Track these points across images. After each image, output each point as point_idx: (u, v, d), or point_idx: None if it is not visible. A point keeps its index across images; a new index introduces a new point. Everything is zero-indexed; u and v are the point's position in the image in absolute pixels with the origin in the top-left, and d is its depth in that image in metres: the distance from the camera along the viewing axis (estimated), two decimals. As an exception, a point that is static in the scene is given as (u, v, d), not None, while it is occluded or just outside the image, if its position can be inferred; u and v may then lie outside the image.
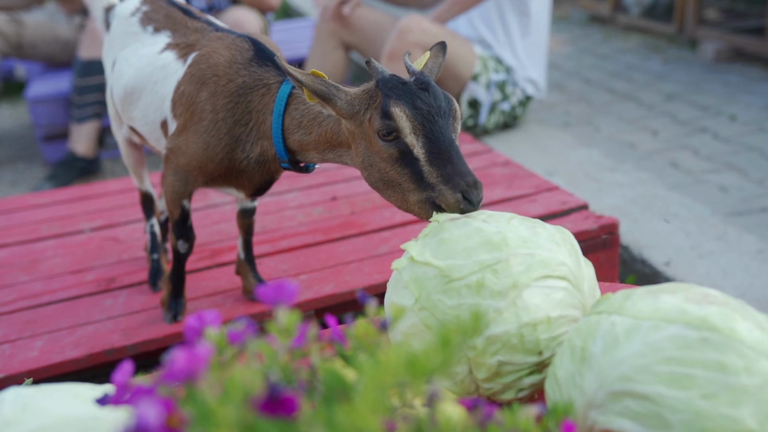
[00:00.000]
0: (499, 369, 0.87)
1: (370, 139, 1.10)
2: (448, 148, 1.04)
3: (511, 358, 0.87)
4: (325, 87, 1.12)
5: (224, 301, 1.76)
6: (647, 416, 0.72)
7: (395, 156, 1.07)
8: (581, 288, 0.93)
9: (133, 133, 1.65)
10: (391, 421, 0.50)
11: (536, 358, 0.87)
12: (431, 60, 1.20)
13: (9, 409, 0.70)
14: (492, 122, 3.39)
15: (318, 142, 1.25)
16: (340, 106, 1.12)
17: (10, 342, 1.67)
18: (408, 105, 1.04)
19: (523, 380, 0.89)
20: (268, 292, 0.57)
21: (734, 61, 4.35)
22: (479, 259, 0.89)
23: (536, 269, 0.89)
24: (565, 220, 2.04)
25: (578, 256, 0.97)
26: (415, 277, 0.91)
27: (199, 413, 0.45)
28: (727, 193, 2.69)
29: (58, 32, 4.05)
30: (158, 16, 1.58)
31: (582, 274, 0.94)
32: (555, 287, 0.90)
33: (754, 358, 0.72)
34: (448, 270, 0.89)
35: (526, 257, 0.89)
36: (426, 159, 1.05)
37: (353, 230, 2.10)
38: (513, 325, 0.86)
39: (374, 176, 1.12)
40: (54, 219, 2.36)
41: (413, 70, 1.10)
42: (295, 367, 0.57)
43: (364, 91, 1.12)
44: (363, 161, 1.14)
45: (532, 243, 0.91)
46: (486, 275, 0.88)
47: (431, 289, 0.89)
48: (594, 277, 0.98)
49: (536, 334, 0.87)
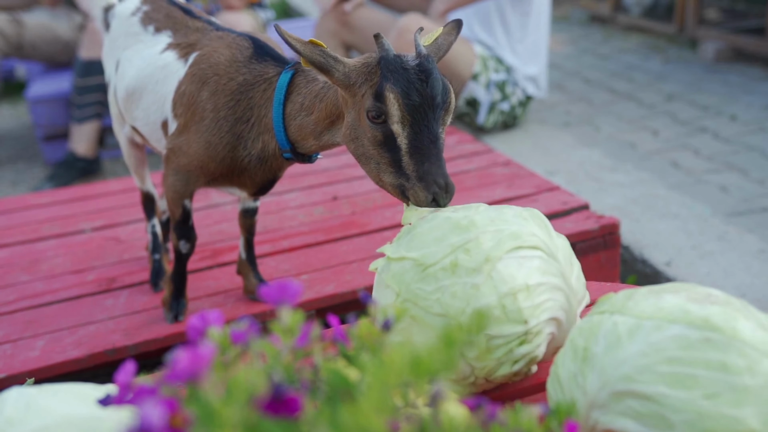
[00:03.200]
0: (489, 344, 0.88)
1: (360, 114, 1.10)
2: (430, 144, 1.04)
3: (498, 331, 0.88)
4: (323, 57, 1.11)
5: (225, 301, 1.76)
6: (649, 416, 0.72)
7: (379, 138, 1.07)
8: (556, 257, 0.94)
9: (136, 132, 1.65)
10: (395, 421, 0.50)
11: (523, 327, 0.88)
12: (443, 36, 1.18)
13: (12, 409, 0.70)
14: (491, 122, 3.39)
15: (317, 120, 1.24)
16: (337, 77, 1.11)
17: (12, 342, 1.67)
18: (402, 93, 1.04)
19: (515, 351, 0.89)
20: (271, 292, 0.57)
21: (735, 61, 4.35)
22: (450, 242, 0.91)
23: (507, 242, 0.91)
24: (566, 220, 2.04)
25: (549, 230, 0.98)
26: (392, 274, 0.93)
27: (203, 413, 0.46)
28: (728, 192, 2.69)
29: (58, 32, 4.05)
30: (159, 15, 1.58)
31: (555, 243, 0.96)
32: (528, 256, 0.91)
33: (756, 358, 0.72)
34: (422, 258, 0.91)
35: (495, 233, 0.92)
36: (407, 150, 1.05)
37: (354, 230, 2.10)
38: (493, 297, 0.87)
39: (358, 150, 1.13)
40: (55, 219, 2.36)
41: (420, 51, 1.08)
42: (297, 367, 0.57)
43: (364, 64, 1.11)
44: (350, 133, 1.14)
45: (500, 220, 0.94)
46: (459, 255, 0.90)
47: (409, 281, 0.91)
48: (569, 248, 0.99)
49: (518, 303, 0.88)
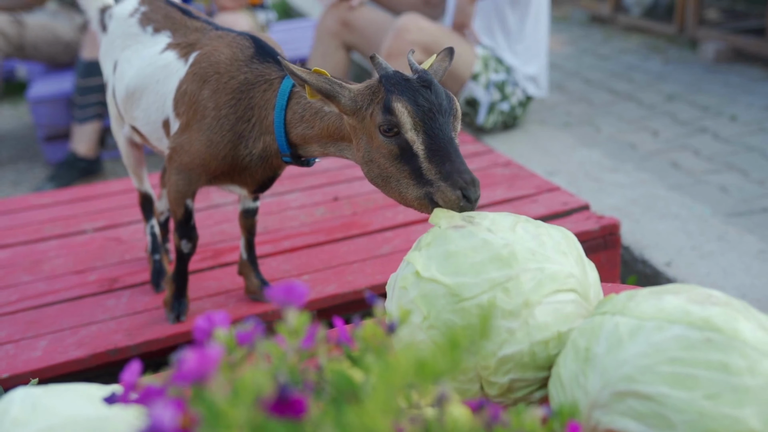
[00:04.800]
0: (511, 386, 0.87)
1: (371, 134, 1.10)
2: (447, 145, 1.05)
3: (522, 375, 0.87)
4: (329, 85, 1.13)
5: (227, 302, 1.76)
6: (651, 416, 0.73)
7: (395, 152, 1.07)
8: (588, 297, 0.93)
9: (135, 132, 1.66)
10: (400, 423, 0.50)
11: (547, 373, 0.88)
12: (437, 63, 1.21)
13: (18, 409, 0.70)
14: (491, 122, 3.40)
15: (321, 135, 1.25)
16: (344, 103, 1.12)
17: (14, 342, 1.67)
18: (410, 101, 1.05)
19: (534, 394, 0.89)
20: (278, 293, 0.57)
21: (735, 61, 4.36)
22: (489, 276, 0.88)
23: (546, 285, 0.88)
24: (566, 220, 2.05)
25: (584, 263, 0.96)
26: (423, 294, 0.89)
27: (209, 413, 0.46)
28: (728, 193, 2.69)
29: (59, 33, 4.05)
30: (157, 16, 1.58)
31: (588, 281, 0.94)
32: (564, 301, 0.89)
33: (756, 358, 0.72)
34: (458, 288, 0.88)
35: (535, 272, 0.89)
36: (425, 155, 1.05)
37: (355, 230, 2.10)
38: (525, 345, 0.86)
39: (374, 172, 1.12)
40: (56, 219, 2.36)
41: (416, 68, 1.10)
42: (302, 368, 0.58)
43: (366, 86, 1.12)
44: (363, 157, 1.14)
45: (540, 255, 0.91)
46: (497, 294, 0.87)
47: (440, 309, 0.88)
48: (598, 280, 0.98)
49: (548, 351, 0.87)
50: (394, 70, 1.10)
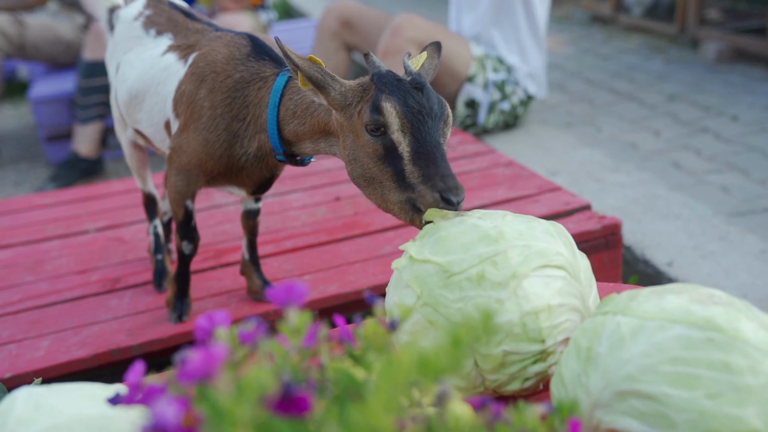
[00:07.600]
0: (504, 359, 0.88)
1: (358, 132, 1.09)
2: (433, 149, 1.02)
3: (515, 348, 0.88)
4: (321, 75, 1.11)
5: (229, 301, 1.77)
6: (652, 416, 0.73)
7: (380, 152, 1.05)
8: (578, 277, 0.94)
9: (138, 135, 1.66)
10: (402, 421, 0.50)
11: (540, 346, 0.89)
12: (427, 61, 1.20)
13: (22, 408, 0.71)
14: (491, 122, 3.40)
15: (311, 131, 1.25)
16: (333, 96, 1.11)
17: (17, 342, 1.68)
18: (399, 101, 1.03)
19: (528, 369, 0.89)
20: (278, 293, 0.57)
21: (736, 61, 4.36)
22: (478, 252, 0.91)
23: (534, 259, 0.91)
24: (568, 220, 2.05)
25: (573, 248, 0.98)
26: (415, 275, 0.92)
27: (214, 412, 0.46)
28: (729, 193, 2.69)
29: (60, 33, 4.06)
30: (161, 19, 1.58)
31: (578, 264, 0.96)
32: (553, 276, 0.91)
33: (758, 358, 0.72)
34: (448, 265, 0.90)
35: (523, 248, 0.91)
36: (409, 158, 1.03)
37: (357, 230, 2.11)
38: (515, 315, 0.88)
39: (357, 171, 1.11)
40: (59, 219, 2.37)
41: (410, 71, 1.09)
42: (305, 367, 0.58)
43: (358, 84, 1.11)
44: (348, 155, 1.12)
45: (528, 235, 0.94)
46: (486, 267, 0.89)
47: (433, 285, 0.90)
48: (590, 269, 0.99)
49: (538, 323, 0.88)
50: (387, 70, 1.08)
